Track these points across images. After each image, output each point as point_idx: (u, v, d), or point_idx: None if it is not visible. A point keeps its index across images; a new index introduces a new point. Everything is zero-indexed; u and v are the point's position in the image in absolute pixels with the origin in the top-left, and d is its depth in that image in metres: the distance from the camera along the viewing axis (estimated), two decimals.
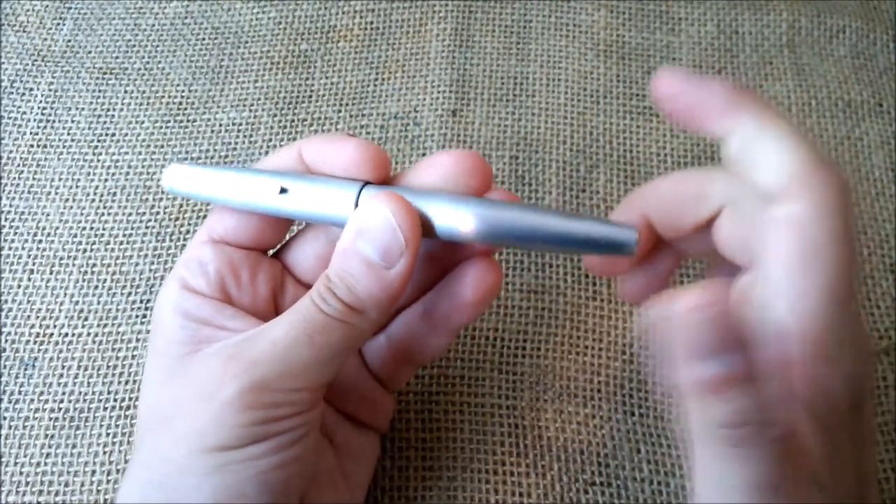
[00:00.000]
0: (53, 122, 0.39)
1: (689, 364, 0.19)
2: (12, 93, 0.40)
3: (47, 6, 0.43)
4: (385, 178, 0.24)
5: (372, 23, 0.42)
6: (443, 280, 0.26)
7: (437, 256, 0.26)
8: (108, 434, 0.31)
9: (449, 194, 0.23)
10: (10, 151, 0.38)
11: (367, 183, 0.24)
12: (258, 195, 0.24)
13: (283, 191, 0.24)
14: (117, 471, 0.30)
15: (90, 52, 0.41)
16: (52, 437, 0.31)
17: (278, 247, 0.27)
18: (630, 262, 0.26)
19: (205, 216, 0.36)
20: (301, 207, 0.24)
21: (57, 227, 0.36)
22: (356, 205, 0.23)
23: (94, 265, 0.35)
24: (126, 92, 0.40)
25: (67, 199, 0.36)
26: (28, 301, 0.34)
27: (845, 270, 0.20)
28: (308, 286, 0.27)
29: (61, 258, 0.35)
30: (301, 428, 0.22)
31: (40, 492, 0.29)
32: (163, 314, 0.24)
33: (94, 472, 0.30)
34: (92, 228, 0.36)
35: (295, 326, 0.22)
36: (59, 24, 0.42)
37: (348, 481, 0.26)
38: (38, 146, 0.38)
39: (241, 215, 0.25)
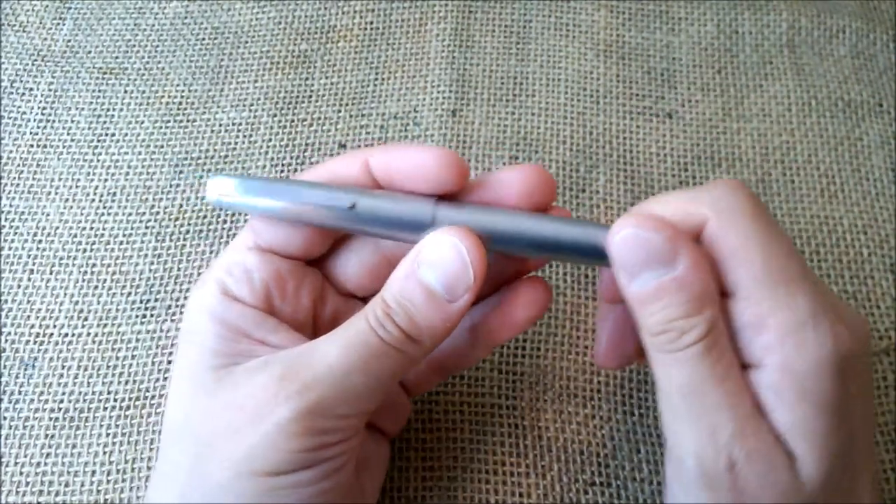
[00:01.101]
0: (53, 122, 0.39)
1: (626, 280, 0.21)
2: (12, 93, 0.40)
3: (47, 6, 0.43)
4: (461, 189, 0.23)
5: (372, 23, 0.42)
6: (492, 296, 0.26)
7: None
8: (108, 434, 0.31)
9: (514, 213, 0.23)
10: (10, 151, 0.38)
11: (439, 198, 0.23)
12: (324, 212, 0.23)
13: (352, 206, 0.23)
14: (117, 471, 0.30)
15: (90, 52, 0.41)
16: (52, 437, 0.31)
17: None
18: None
19: (205, 216, 0.36)
20: (371, 224, 0.23)
21: (57, 227, 0.36)
22: (432, 221, 0.23)
23: (94, 265, 0.35)
24: (126, 92, 0.40)
25: (67, 199, 0.36)
26: (28, 301, 0.34)
27: (783, 249, 0.21)
28: (350, 296, 0.26)
29: (61, 258, 0.35)
30: (345, 455, 0.22)
31: (40, 492, 0.29)
32: (199, 318, 0.23)
33: (94, 472, 0.30)
34: (92, 228, 0.36)
35: (351, 351, 0.21)
36: (59, 24, 0.42)
37: (364, 492, 0.26)
38: (38, 146, 0.38)
39: (294, 225, 0.24)
